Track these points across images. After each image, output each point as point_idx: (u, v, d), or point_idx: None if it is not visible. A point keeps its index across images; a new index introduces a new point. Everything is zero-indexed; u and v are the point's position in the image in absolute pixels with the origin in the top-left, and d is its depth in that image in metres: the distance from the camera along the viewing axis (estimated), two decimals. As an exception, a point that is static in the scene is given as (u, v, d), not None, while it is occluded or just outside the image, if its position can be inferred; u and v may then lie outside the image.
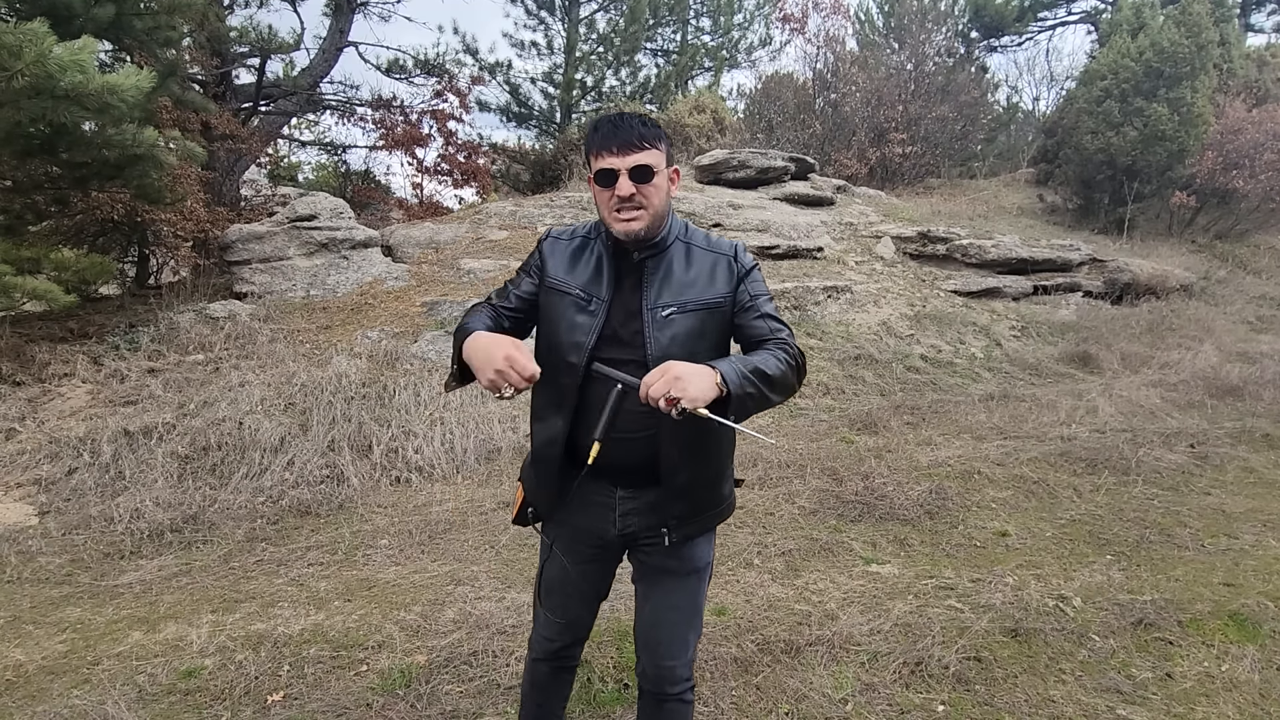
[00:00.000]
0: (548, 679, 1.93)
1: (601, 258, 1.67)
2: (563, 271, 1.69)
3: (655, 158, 1.56)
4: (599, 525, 1.72)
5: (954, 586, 3.32)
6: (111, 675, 2.70)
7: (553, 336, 1.66)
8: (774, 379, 1.52)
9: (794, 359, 1.60)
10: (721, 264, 1.66)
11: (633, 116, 1.58)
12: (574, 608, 1.82)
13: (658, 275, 1.63)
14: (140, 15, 6.02)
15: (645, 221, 1.58)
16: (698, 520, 1.70)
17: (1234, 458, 5.10)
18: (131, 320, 6.19)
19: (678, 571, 1.75)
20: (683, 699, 1.83)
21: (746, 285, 1.66)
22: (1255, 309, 10.44)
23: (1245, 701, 2.52)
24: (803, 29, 16.31)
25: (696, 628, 1.82)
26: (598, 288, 1.64)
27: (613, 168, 1.54)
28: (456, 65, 12.62)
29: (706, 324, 1.62)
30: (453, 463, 4.96)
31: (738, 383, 1.44)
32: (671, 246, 1.66)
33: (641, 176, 1.54)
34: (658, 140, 1.58)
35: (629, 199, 1.55)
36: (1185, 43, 11.94)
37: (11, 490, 4.36)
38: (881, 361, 7.24)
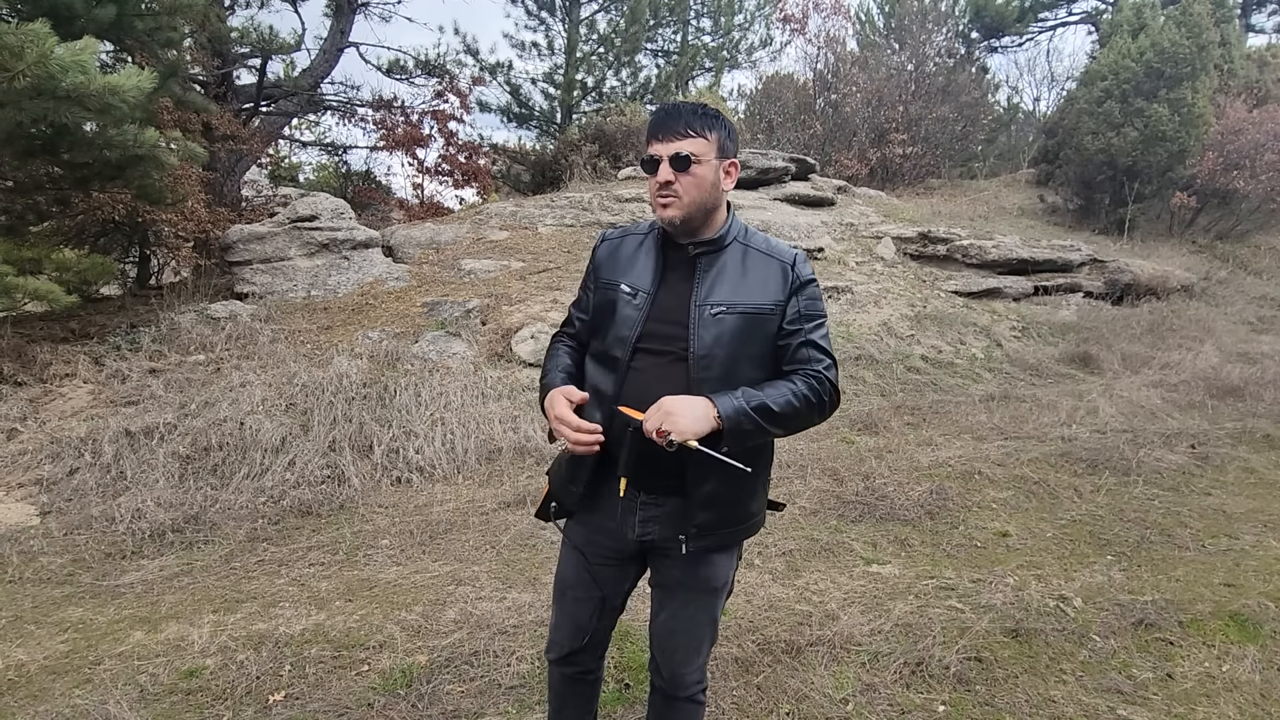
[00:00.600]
0: (561, 685, 1.91)
1: (651, 251, 1.68)
2: (613, 270, 1.70)
3: (700, 146, 1.54)
4: (619, 529, 1.69)
5: (955, 587, 3.32)
6: (113, 675, 2.70)
7: (604, 333, 1.68)
8: (781, 414, 1.52)
9: (821, 395, 1.58)
10: (778, 270, 1.62)
11: (690, 105, 1.58)
12: (585, 612, 1.78)
13: (711, 272, 1.61)
14: (141, 16, 6.03)
15: (680, 210, 1.56)
16: (718, 534, 1.66)
17: (1235, 458, 5.10)
18: (133, 320, 6.19)
19: (693, 588, 1.73)
20: (694, 699, 1.83)
21: (799, 300, 1.62)
22: (1256, 309, 10.43)
23: (1246, 702, 2.52)
24: (803, 29, 16.33)
25: (711, 637, 1.82)
26: (644, 281, 1.65)
27: (656, 155, 1.55)
28: (457, 66, 12.61)
29: (754, 330, 1.59)
30: (454, 463, 4.96)
31: (734, 419, 1.47)
32: (729, 246, 1.64)
33: (680, 164, 1.53)
34: (707, 130, 1.55)
35: (666, 185, 1.54)
36: (1186, 43, 11.94)
37: (13, 490, 4.36)
38: (882, 362, 7.24)
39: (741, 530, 1.72)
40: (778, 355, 1.62)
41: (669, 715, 1.86)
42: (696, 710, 1.85)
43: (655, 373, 1.59)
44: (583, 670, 1.88)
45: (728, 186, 1.63)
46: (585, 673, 1.88)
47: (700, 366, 1.56)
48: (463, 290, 7.06)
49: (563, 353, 1.78)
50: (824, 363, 1.61)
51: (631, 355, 1.61)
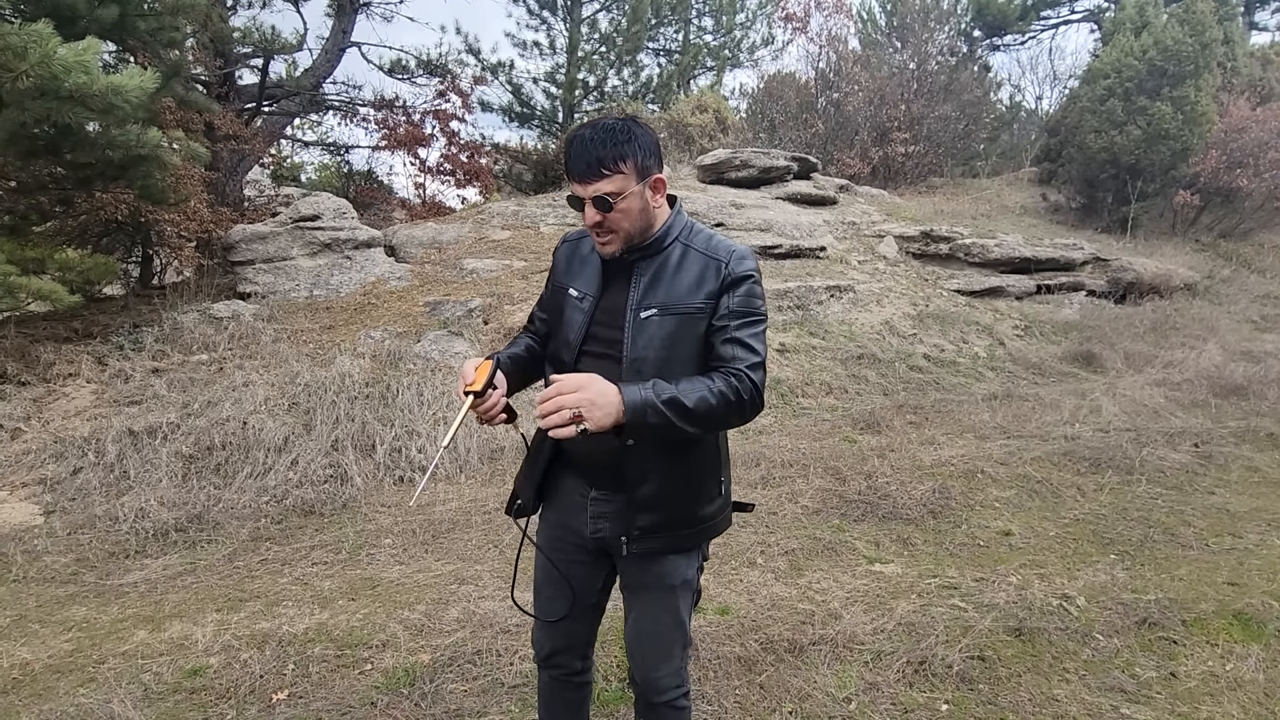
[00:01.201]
0: (548, 689, 1.90)
1: (598, 256, 1.67)
2: (567, 274, 1.72)
3: (617, 184, 1.48)
4: (576, 524, 1.71)
5: (957, 586, 3.32)
6: (117, 674, 2.71)
7: (556, 335, 1.72)
8: (694, 411, 1.43)
9: (740, 394, 1.49)
10: (711, 269, 1.57)
11: (595, 139, 1.48)
12: (558, 610, 1.76)
13: (646, 276, 1.60)
14: (144, 16, 6.03)
15: (617, 245, 1.56)
16: (663, 536, 1.62)
17: (1238, 457, 5.09)
18: (136, 320, 6.20)
19: (654, 587, 1.70)
20: (674, 705, 1.78)
21: (731, 297, 1.56)
22: (1259, 308, 10.41)
23: (1250, 701, 2.52)
24: (805, 28, 16.30)
25: (682, 641, 1.77)
26: (590, 285, 1.66)
27: (579, 195, 1.51)
28: (459, 65, 12.64)
29: (685, 331, 1.55)
30: (456, 462, 4.97)
31: (639, 409, 1.39)
32: (669, 248, 1.61)
33: (603, 206, 1.49)
34: (620, 161, 1.48)
35: (597, 226, 1.53)
36: (1189, 41, 11.90)
37: (17, 490, 4.37)
38: (884, 361, 7.23)
39: (693, 534, 1.66)
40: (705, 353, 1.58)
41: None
42: (679, 717, 1.81)
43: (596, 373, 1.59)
44: (568, 672, 1.86)
45: (658, 203, 1.59)
46: (570, 674, 1.86)
47: (632, 370, 1.55)
48: (465, 290, 7.06)
49: (521, 342, 1.84)
50: (748, 360, 1.52)
51: (576, 359, 1.63)
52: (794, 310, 7.76)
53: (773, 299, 7.75)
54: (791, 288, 7.91)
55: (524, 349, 1.82)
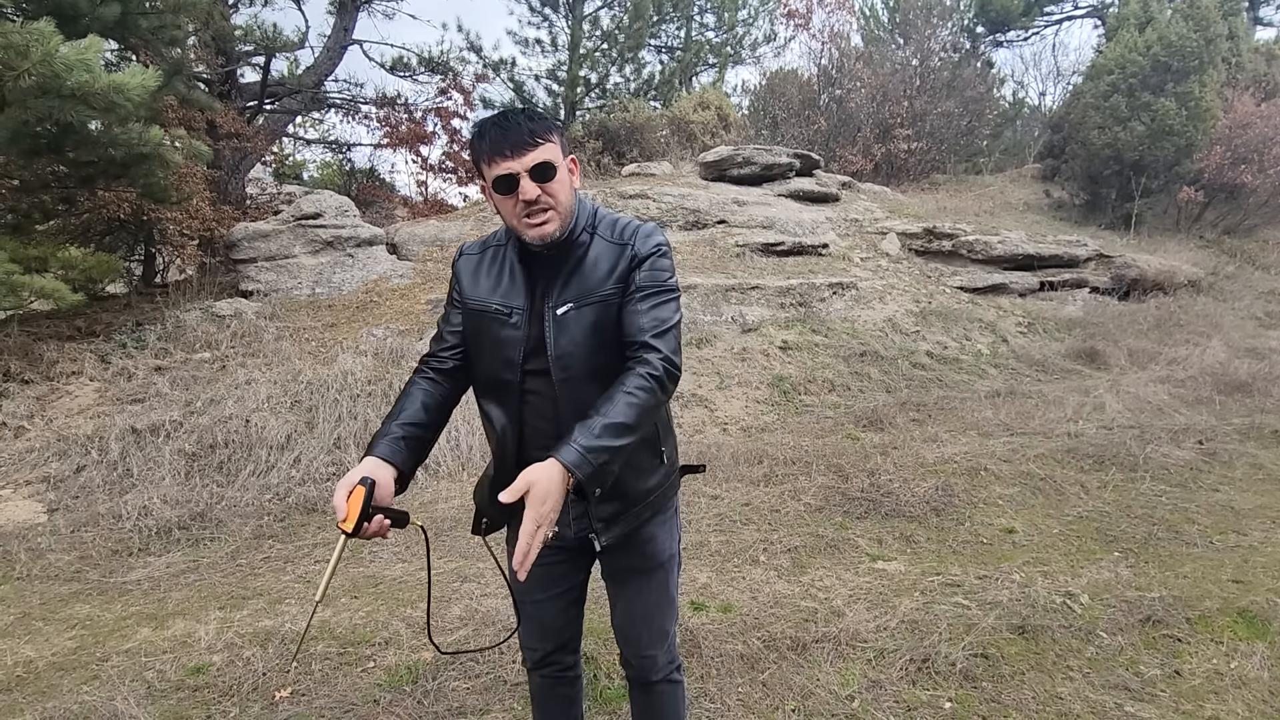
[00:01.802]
0: (542, 691, 1.89)
1: (514, 264, 1.59)
2: (481, 289, 1.60)
3: (552, 152, 1.46)
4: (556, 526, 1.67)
5: (960, 583, 3.31)
6: (120, 671, 2.71)
7: (483, 357, 1.60)
8: (628, 424, 1.40)
9: (657, 372, 1.46)
10: (616, 253, 1.54)
11: (517, 113, 1.47)
12: (547, 612, 1.76)
13: (561, 273, 1.54)
14: (146, 14, 6.04)
15: (558, 222, 1.49)
16: (625, 518, 1.62)
17: (1243, 454, 5.07)
18: (138, 319, 6.21)
19: (642, 569, 1.72)
20: (669, 679, 1.82)
21: (639, 274, 1.52)
22: (1264, 305, 10.37)
23: (1254, 699, 2.51)
24: (807, 25, 16.26)
25: (673, 616, 1.80)
26: (516, 298, 1.56)
27: (511, 172, 1.43)
28: (460, 63, 12.62)
29: (603, 319, 1.51)
30: (458, 460, 4.97)
31: (583, 464, 1.35)
32: (577, 239, 1.55)
33: (543, 175, 1.44)
34: (550, 132, 1.47)
35: (534, 202, 1.45)
36: (1193, 36, 11.85)
37: (20, 488, 4.38)
38: (887, 358, 7.22)
39: (648, 505, 1.66)
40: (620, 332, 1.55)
41: (650, 702, 1.85)
42: (675, 690, 1.84)
43: (543, 391, 1.55)
44: (561, 669, 1.86)
45: (578, 184, 1.57)
46: (564, 670, 1.86)
47: (559, 369, 1.51)
48: (467, 287, 7.06)
49: (415, 392, 1.63)
50: (652, 330, 1.49)
51: (522, 378, 1.55)
52: (796, 307, 7.75)
53: (775, 296, 7.74)
54: (794, 285, 7.90)
55: (419, 408, 1.61)
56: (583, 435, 1.38)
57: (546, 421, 1.55)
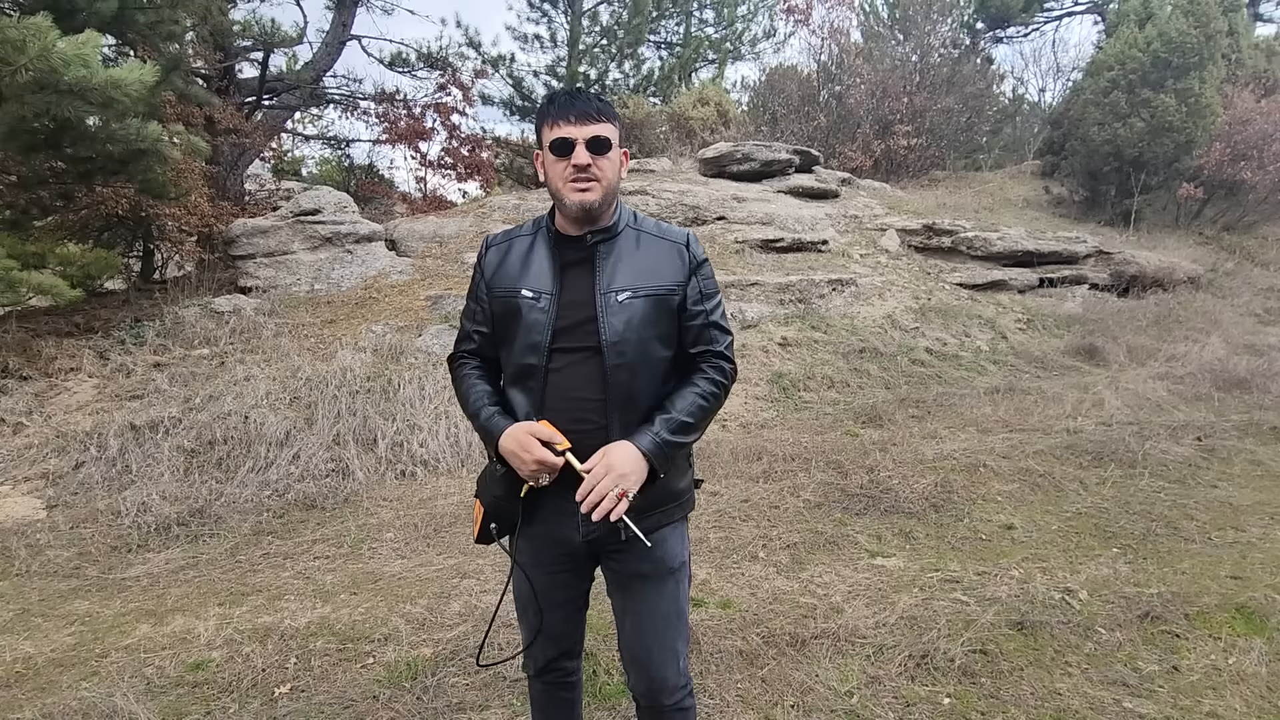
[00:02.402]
0: (544, 697, 1.88)
1: (544, 250, 1.64)
2: (507, 277, 1.65)
3: (611, 131, 1.56)
4: (563, 533, 1.65)
5: (959, 579, 3.31)
6: (120, 667, 2.71)
7: (511, 344, 1.63)
8: (697, 424, 1.59)
9: (726, 379, 1.65)
10: (674, 252, 1.64)
11: (589, 92, 1.57)
12: (552, 620, 1.74)
13: (610, 259, 1.61)
14: (143, 9, 6.02)
15: (599, 194, 1.55)
16: (653, 514, 1.64)
17: (1241, 450, 5.07)
18: (137, 315, 6.20)
19: (652, 575, 1.68)
20: (680, 706, 1.75)
21: (698, 280, 1.65)
22: (1263, 301, 10.37)
23: (1252, 694, 2.51)
24: (807, 21, 16.23)
25: (684, 634, 1.75)
26: (544, 282, 1.61)
27: (570, 137, 1.52)
28: (459, 59, 12.58)
29: (659, 312, 1.60)
30: (457, 456, 4.97)
31: (658, 454, 1.52)
32: (623, 232, 1.64)
33: (598, 147, 1.53)
34: (613, 117, 1.57)
35: (584, 169, 1.52)
36: (1193, 33, 11.82)
37: (19, 484, 4.38)
38: (886, 355, 7.21)
39: (675, 507, 1.71)
40: (682, 334, 1.65)
41: None
42: (686, 717, 1.78)
43: (573, 370, 1.58)
44: (563, 674, 1.85)
45: (624, 174, 1.66)
46: (565, 676, 1.86)
47: (614, 353, 1.56)
48: (466, 283, 7.04)
49: (475, 379, 1.71)
50: (725, 340, 1.67)
51: (548, 358, 1.58)
52: (796, 304, 7.75)
53: (774, 292, 7.73)
54: (793, 281, 7.89)
55: (489, 387, 1.70)
56: (662, 427, 1.54)
57: (567, 402, 1.57)
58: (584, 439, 1.53)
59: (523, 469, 1.53)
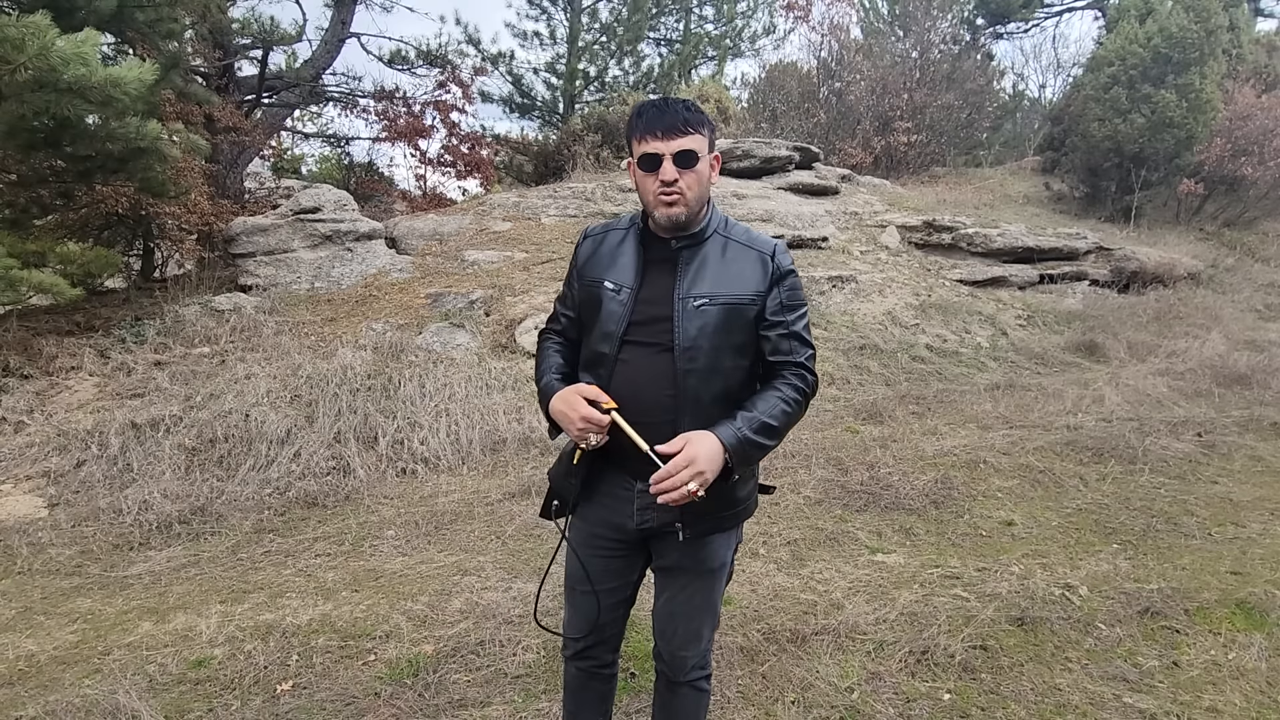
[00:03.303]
0: (577, 683, 1.92)
1: (632, 246, 1.68)
2: (596, 267, 1.71)
3: (699, 143, 1.55)
4: (618, 519, 1.71)
5: (960, 576, 3.32)
6: (122, 665, 2.72)
7: (590, 331, 1.70)
8: (779, 428, 1.59)
9: (808, 389, 1.65)
10: (758, 261, 1.64)
11: (677, 101, 1.57)
12: (596, 604, 1.78)
13: (693, 265, 1.63)
14: (142, 7, 6.01)
15: (686, 207, 1.57)
16: (712, 518, 1.68)
17: (1241, 446, 5.08)
18: (137, 313, 6.20)
19: (694, 570, 1.75)
20: (696, 685, 1.84)
21: (780, 291, 1.65)
22: (1263, 297, 10.37)
23: (1252, 689, 2.52)
24: (807, 17, 16.19)
25: (711, 623, 1.82)
26: (626, 276, 1.66)
27: (657, 152, 1.53)
28: (459, 56, 12.55)
29: (735, 320, 1.61)
30: (458, 454, 4.97)
31: (741, 450, 1.53)
32: (710, 239, 1.66)
33: (685, 161, 1.54)
34: (701, 126, 1.56)
35: (672, 184, 1.54)
36: (1194, 28, 11.79)
37: (21, 483, 4.39)
38: (887, 351, 7.22)
39: (734, 515, 1.73)
40: (759, 345, 1.66)
41: (672, 702, 1.87)
42: (699, 698, 1.87)
43: (641, 364, 1.62)
44: (599, 664, 1.89)
45: (715, 181, 1.66)
46: (601, 667, 1.89)
47: (686, 358, 1.59)
48: (466, 281, 7.05)
49: (553, 352, 1.79)
50: (806, 353, 1.67)
51: (619, 349, 1.63)
52: (796, 301, 7.73)
53: (775, 290, 7.72)
54: (793, 278, 7.88)
55: (562, 360, 1.78)
56: (744, 424, 1.55)
57: (632, 394, 1.60)
58: (649, 433, 1.56)
59: (570, 429, 1.58)
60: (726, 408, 1.61)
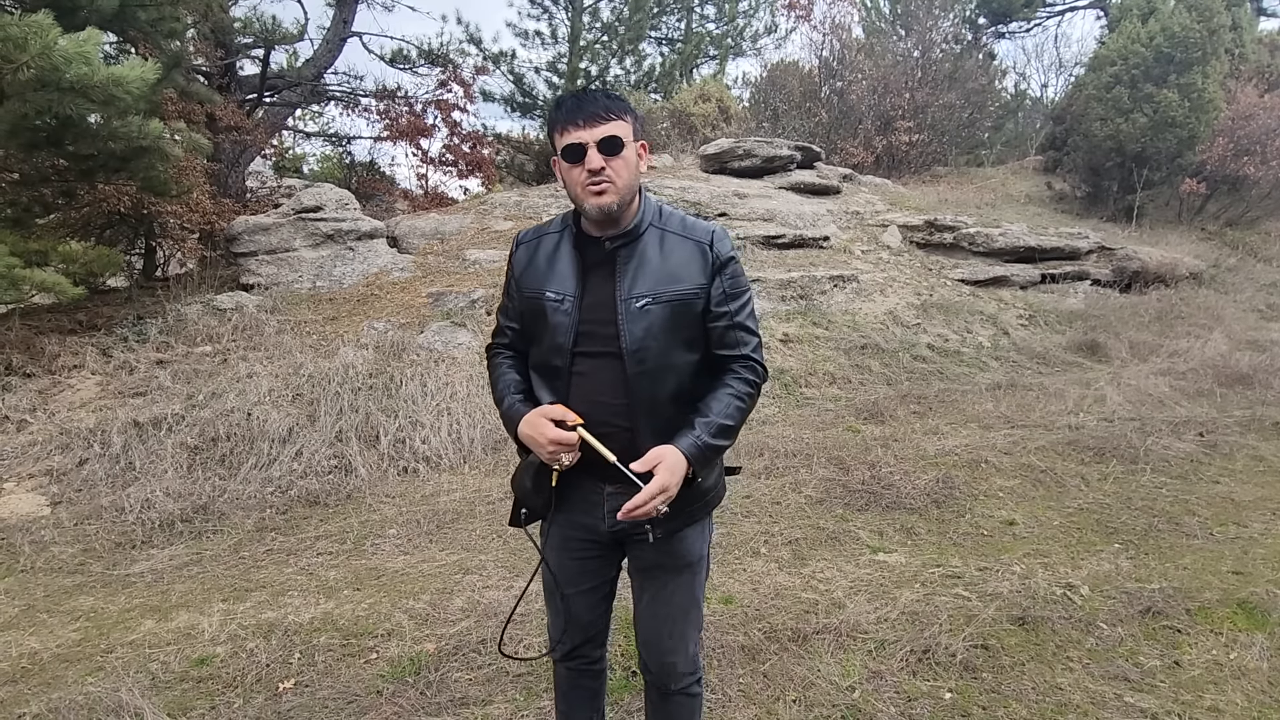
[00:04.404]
0: (567, 683, 1.91)
1: (568, 252, 1.63)
2: (534, 277, 1.65)
3: (623, 129, 1.52)
4: (589, 521, 1.69)
5: (961, 575, 3.32)
6: (125, 663, 2.73)
7: (538, 342, 1.65)
8: (735, 426, 1.59)
9: (758, 379, 1.64)
10: (696, 251, 1.59)
11: (597, 90, 1.55)
12: (577, 606, 1.77)
13: (631, 264, 1.58)
14: (144, 6, 6.00)
15: (616, 195, 1.52)
16: (681, 515, 1.64)
17: (1243, 446, 5.07)
18: (139, 312, 6.21)
19: (670, 568, 1.72)
20: (687, 692, 1.81)
21: (722, 280, 1.60)
22: (1265, 297, 10.35)
23: (1253, 689, 2.52)
24: (808, 16, 16.19)
25: (696, 623, 1.79)
26: (568, 285, 1.60)
27: (580, 141, 1.49)
28: (460, 55, 12.55)
29: (681, 316, 1.57)
30: (459, 452, 4.98)
31: (701, 457, 1.53)
32: (646, 233, 1.60)
33: (610, 148, 1.50)
34: (624, 112, 1.53)
35: (598, 173, 1.50)
36: (1196, 27, 11.78)
37: (24, 481, 4.39)
38: (888, 351, 7.21)
39: (703, 504, 1.71)
40: (707, 336, 1.63)
41: (665, 711, 1.84)
42: (693, 703, 1.83)
43: (595, 375, 1.59)
44: (588, 662, 1.87)
45: (644, 169, 1.61)
46: (590, 664, 1.88)
47: (634, 360, 1.55)
48: (468, 280, 7.05)
49: (506, 369, 1.74)
50: (752, 343, 1.64)
51: (571, 361, 1.60)
52: (797, 300, 7.74)
53: (776, 289, 7.73)
54: (795, 278, 7.89)
55: (518, 376, 1.73)
56: (702, 431, 1.54)
57: (590, 405, 1.57)
58: (610, 442, 1.54)
59: (541, 452, 1.56)
60: (681, 404, 1.59)
